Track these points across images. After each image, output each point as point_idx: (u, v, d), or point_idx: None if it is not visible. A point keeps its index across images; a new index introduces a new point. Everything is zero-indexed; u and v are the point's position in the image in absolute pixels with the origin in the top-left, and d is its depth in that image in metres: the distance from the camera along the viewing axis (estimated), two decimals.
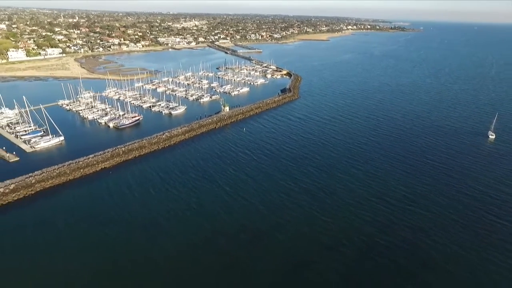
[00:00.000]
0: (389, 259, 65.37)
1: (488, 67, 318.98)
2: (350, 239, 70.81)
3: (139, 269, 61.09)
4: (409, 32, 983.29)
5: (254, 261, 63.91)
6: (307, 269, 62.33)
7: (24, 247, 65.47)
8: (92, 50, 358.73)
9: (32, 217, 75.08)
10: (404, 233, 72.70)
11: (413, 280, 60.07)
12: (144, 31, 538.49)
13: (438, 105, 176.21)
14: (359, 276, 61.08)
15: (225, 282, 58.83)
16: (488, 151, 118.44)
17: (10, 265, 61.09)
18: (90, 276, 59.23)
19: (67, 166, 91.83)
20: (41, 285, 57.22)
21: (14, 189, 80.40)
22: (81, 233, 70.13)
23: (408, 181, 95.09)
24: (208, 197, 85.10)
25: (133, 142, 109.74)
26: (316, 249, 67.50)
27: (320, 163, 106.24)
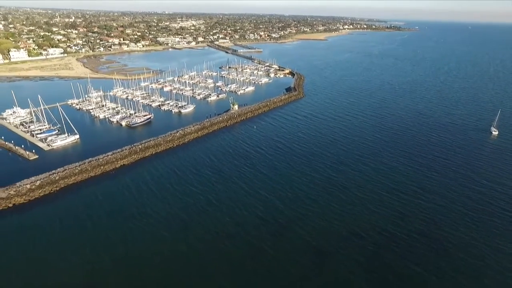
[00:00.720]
0: (405, 249, 68.78)
1: (485, 66, 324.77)
2: (367, 231, 74.06)
3: (166, 262, 63.67)
4: (405, 31, 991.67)
5: (278, 253, 66.79)
6: (329, 260, 65.47)
7: (53, 241, 67.87)
8: (93, 50, 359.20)
9: (58, 213, 77.41)
10: (417, 225, 76.18)
11: (429, 268, 63.41)
12: (142, 31, 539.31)
13: (440, 103, 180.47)
14: (379, 264, 64.35)
15: (251, 273, 61.70)
16: (492, 146, 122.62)
17: (40, 257, 63.41)
18: (118, 269, 61.82)
19: (88, 163, 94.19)
20: (70, 276, 59.47)
21: (40, 185, 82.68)
22: (106, 227, 72.63)
23: (416, 176, 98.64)
24: (226, 193, 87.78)
25: (148, 140, 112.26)
26: (335, 241, 70.62)
27: (330, 159, 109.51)
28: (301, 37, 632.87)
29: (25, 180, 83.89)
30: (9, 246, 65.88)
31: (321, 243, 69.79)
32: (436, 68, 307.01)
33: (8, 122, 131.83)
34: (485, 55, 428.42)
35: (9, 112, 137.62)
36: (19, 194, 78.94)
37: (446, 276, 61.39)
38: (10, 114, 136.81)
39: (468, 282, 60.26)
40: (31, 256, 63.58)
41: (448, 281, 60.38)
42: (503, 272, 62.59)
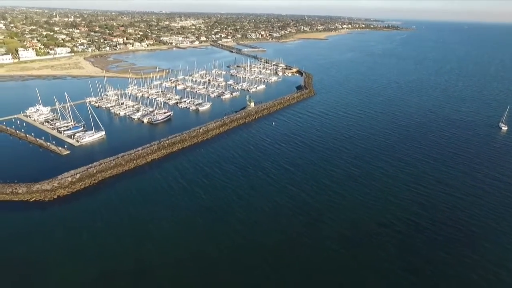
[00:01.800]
0: (431, 236, 73.18)
1: (486, 65, 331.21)
2: (393, 221, 78.33)
3: (206, 250, 67.65)
4: (403, 31, 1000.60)
5: (314, 242, 70.80)
6: (362, 248, 69.54)
7: (96, 232, 71.18)
8: (99, 50, 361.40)
9: (99, 204, 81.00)
10: (439, 214, 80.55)
11: (459, 251, 67.96)
12: (144, 30, 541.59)
13: (447, 101, 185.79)
14: (409, 251, 68.55)
15: (291, 261, 65.70)
16: (502, 141, 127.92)
17: (85, 247, 66.92)
18: (161, 259, 65.68)
19: (121, 157, 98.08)
20: (115, 264, 63.12)
21: (80, 178, 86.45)
22: (148, 217, 76.28)
23: (432, 170, 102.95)
24: (254, 187, 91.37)
25: (174, 135, 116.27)
26: (366, 230, 74.77)
27: (348, 154, 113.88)
28: (302, 37, 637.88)
29: (65, 173, 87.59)
30: (57, 236, 69.23)
31: (353, 232, 73.99)
32: (438, 67, 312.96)
33: (33, 119, 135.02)
34: (485, 54, 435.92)
35: (33, 110, 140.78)
36: (62, 186, 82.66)
37: (470, 262, 65.61)
38: (33, 111, 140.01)
39: (491, 266, 64.54)
40: (76, 245, 66.99)
41: (472, 266, 64.63)
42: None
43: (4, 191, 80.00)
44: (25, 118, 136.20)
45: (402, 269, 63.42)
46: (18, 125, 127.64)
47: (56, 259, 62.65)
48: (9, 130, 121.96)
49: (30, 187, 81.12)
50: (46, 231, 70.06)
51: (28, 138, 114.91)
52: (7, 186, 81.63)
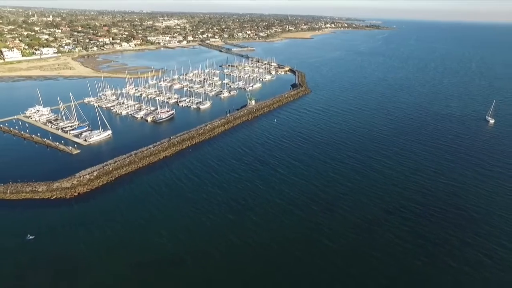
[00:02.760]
0: (441, 218, 78.92)
1: (467, 63, 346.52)
2: (403, 206, 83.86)
3: (238, 235, 71.06)
4: (384, 30, 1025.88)
5: (332, 226, 75.33)
6: (377, 231, 74.49)
7: (121, 225, 73.26)
8: (86, 50, 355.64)
9: (118, 201, 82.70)
10: (444, 199, 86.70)
11: (462, 233, 73.76)
12: (129, 30, 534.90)
13: (435, 97, 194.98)
14: (421, 232, 73.97)
15: (313, 240, 70.08)
16: (491, 133, 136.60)
17: (113, 241, 69.05)
18: (188, 248, 68.63)
19: (134, 155, 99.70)
20: (142, 256, 65.61)
21: (97, 175, 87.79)
22: (167, 212, 78.54)
23: (431, 160, 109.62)
24: (267, 179, 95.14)
25: (182, 133, 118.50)
26: (378, 215, 79.81)
27: (351, 148, 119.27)
28: (288, 36, 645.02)
29: (82, 171, 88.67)
30: (83, 231, 70.59)
31: (367, 217, 78.87)
32: (423, 65, 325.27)
33: (34, 120, 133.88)
34: (465, 52, 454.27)
35: (33, 111, 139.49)
36: (81, 184, 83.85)
37: (473, 242, 71.50)
38: (34, 112, 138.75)
39: (492, 245, 70.47)
40: (103, 240, 68.89)
41: (478, 246, 70.48)
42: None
43: (24, 189, 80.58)
44: (25, 119, 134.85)
45: (413, 251, 68.31)
46: (20, 126, 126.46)
47: (86, 254, 64.26)
48: (13, 131, 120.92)
49: (50, 185, 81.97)
50: (72, 227, 71.39)
51: (34, 138, 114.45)
52: (26, 185, 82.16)
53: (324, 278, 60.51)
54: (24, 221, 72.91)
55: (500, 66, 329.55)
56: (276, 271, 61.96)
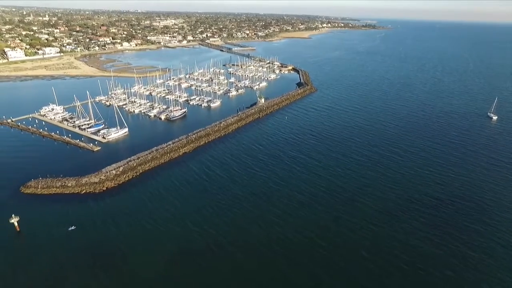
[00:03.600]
0: (454, 210, 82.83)
1: (465, 62, 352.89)
2: (417, 198, 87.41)
3: (262, 226, 74.37)
4: (380, 29, 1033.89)
5: (353, 218, 78.89)
6: (396, 221, 78.17)
7: (153, 217, 76.12)
8: (88, 49, 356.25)
9: (147, 194, 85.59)
10: (456, 193, 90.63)
11: (476, 223, 77.83)
12: (128, 30, 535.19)
13: (438, 94, 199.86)
14: (437, 221, 77.89)
15: (335, 232, 73.59)
16: (495, 129, 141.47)
17: (149, 232, 72.14)
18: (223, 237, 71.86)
19: (156, 151, 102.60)
20: (181, 245, 68.81)
21: (123, 171, 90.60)
22: (195, 204, 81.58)
23: (439, 156, 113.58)
24: (285, 174, 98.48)
25: (199, 130, 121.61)
26: (396, 207, 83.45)
27: (362, 143, 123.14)
28: (286, 36, 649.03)
29: (107, 167, 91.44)
30: (118, 223, 73.40)
31: (386, 208, 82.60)
32: (422, 64, 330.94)
33: (49, 118, 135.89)
34: (462, 52, 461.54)
35: (47, 109, 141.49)
36: (108, 179, 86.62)
37: (489, 228, 75.77)
38: (48, 111, 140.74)
39: (504, 234, 74.73)
40: (138, 232, 71.81)
41: (492, 232, 74.64)
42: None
43: (54, 184, 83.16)
44: (41, 117, 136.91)
45: (433, 236, 72.33)
46: (36, 124, 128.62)
47: (122, 244, 67.16)
48: (31, 129, 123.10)
49: (79, 180, 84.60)
50: (105, 220, 74.21)
51: (53, 136, 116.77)
52: (55, 180, 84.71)
53: (350, 267, 64.01)
54: (61, 213, 75.59)
55: (496, 65, 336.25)
56: (303, 261, 65.10)
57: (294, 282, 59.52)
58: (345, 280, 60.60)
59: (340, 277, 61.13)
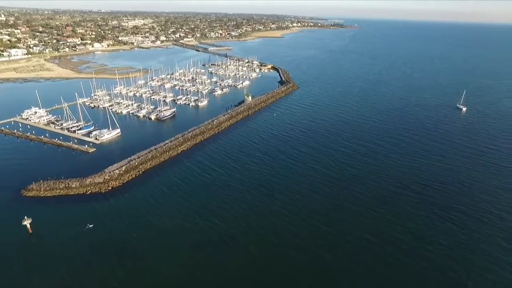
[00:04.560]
0: (439, 193, 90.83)
1: (431, 59, 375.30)
2: (406, 184, 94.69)
3: (270, 215, 78.22)
4: (348, 29, 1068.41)
5: (354, 201, 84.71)
6: (390, 204, 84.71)
7: (162, 213, 77.89)
8: (57, 51, 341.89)
9: (152, 191, 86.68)
10: (439, 176, 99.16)
11: (459, 200, 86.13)
12: (96, 30, 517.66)
13: (410, 89, 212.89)
14: (427, 203, 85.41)
15: (338, 218, 78.88)
16: (465, 119, 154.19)
17: (156, 227, 74.00)
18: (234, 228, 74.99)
19: (155, 150, 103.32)
20: (196, 236, 71.36)
21: (126, 170, 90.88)
22: (200, 198, 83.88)
23: (420, 145, 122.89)
24: (282, 168, 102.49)
25: (193, 128, 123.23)
26: (389, 192, 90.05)
27: (349, 136, 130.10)
28: (259, 35, 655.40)
29: (110, 167, 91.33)
30: (126, 221, 74.24)
31: (380, 195, 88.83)
32: (392, 61, 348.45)
33: (33, 122, 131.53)
34: (428, 50, 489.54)
35: (30, 113, 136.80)
36: (112, 178, 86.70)
37: (472, 207, 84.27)
38: (31, 114, 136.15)
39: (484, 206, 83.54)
40: (152, 227, 73.40)
41: (470, 209, 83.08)
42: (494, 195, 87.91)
43: (58, 186, 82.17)
44: (23, 121, 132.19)
45: (426, 218, 79.43)
46: (21, 128, 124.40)
47: (138, 239, 68.37)
48: (17, 133, 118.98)
49: (83, 181, 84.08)
50: (117, 217, 74.81)
51: (43, 139, 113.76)
52: (58, 182, 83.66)
53: (355, 249, 69.34)
54: (70, 214, 75.24)
55: (459, 62, 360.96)
56: (310, 247, 69.32)
57: (304, 268, 63.20)
58: (351, 262, 65.36)
59: (347, 260, 65.70)
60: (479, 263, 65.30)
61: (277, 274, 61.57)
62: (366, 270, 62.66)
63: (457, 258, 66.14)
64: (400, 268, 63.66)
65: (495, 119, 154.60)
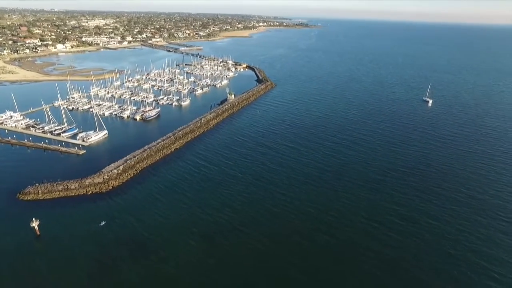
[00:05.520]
0: (419, 177, 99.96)
1: (394, 57, 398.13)
2: (390, 169, 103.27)
3: (272, 204, 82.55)
4: (313, 28, 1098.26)
5: (345, 188, 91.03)
6: (381, 186, 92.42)
7: (168, 208, 79.70)
8: (17, 52, 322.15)
9: (152, 188, 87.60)
10: (417, 162, 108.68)
11: (438, 184, 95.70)
12: (55, 31, 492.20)
13: (380, 85, 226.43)
14: (410, 186, 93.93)
15: (335, 200, 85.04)
16: (431, 110, 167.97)
17: (166, 222, 75.92)
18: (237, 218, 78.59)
19: (149, 149, 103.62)
20: (203, 227, 74.24)
21: (124, 169, 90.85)
22: (203, 193, 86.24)
23: (396, 135, 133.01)
24: (275, 161, 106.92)
25: (183, 127, 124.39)
26: (375, 177, 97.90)
27: (331, 129, 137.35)
28: (227, 35, 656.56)
29: (107, 167, 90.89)
30: (133, 219, 74.90)
31: (369, 180, 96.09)
32: (359, 59, 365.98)
33: (10, 126, 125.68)
34: (390, 48, 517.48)
35: (4, 117, 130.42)
36: (111, 178, 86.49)
37: (448, 188, 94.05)
38: (6, 118, 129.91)
39: (460, 187, 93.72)
40: (163, 220, 75.02)
41: (451, 190, 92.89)
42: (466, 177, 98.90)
43: (56, 188, 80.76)
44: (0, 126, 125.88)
45: (413, 197, 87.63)
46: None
47: (150, 234, 69.73)
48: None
49: (82, 182, 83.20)
50: (124, 216, 75.29)
51: (26, 143, 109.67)
52: (56, 184, 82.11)
53: (355, 228, 75.59)
54: (74, 215, 74.58)
55: (420, 59, 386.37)
56: (316, 227, 74.96)
57: (312, 251, 68.44)
58: (353, 243, 71.46)
59: (349, 242, 71.46)
60: (460, 235, 73.88)
61: (286, 257, 65.83)
62: (367, 250, 68.73)
63: (442, 233, 74.32)
64: (395, 244, 70.53)
65: (458, 110, 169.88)
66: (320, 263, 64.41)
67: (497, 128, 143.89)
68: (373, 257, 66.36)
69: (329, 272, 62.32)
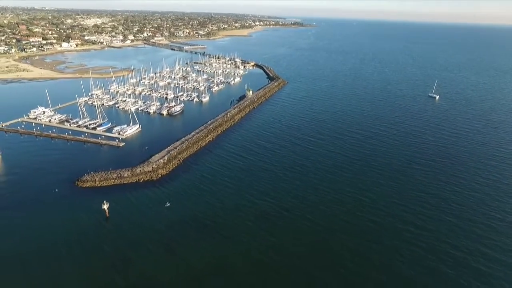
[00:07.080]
0: (422, 166, 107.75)
1: (395, 55, 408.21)
2: (397, 162, 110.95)
3: (311, 192, 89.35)
4: (308, 27, 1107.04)
5: (357, 174, 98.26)
6: (386, 176, 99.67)
7: (214, 194, 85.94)
8: (24, 51, 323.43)
9: (197, 176, 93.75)
10: (431, 156, 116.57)
11: (441, 175, 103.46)
12: (54, 29, 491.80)
13: (387, 82, 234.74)
14: (416, 176, 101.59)
15: (364, 185, 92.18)
16: (439, 106, 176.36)
17: (220, 204, 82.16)
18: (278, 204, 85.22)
19: (187, 141, 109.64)
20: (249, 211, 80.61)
21: (168, 160, 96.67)
22: (242, 180, 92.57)
23: (410, 129, 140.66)
24: (301, 153, 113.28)
25: (212, 121, 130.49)
26: (399, 165, 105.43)
27: (349, 124, 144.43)
28: (226, 34, 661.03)
29: (152, 157, 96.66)
30: (189, 202, 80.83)
31: (395, 169, 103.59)
32: (361, 57, 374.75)
33: (44, 121, 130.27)
34: (389, 47, 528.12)
35: (37, 112, 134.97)
36: (159, 167, 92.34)
37: (461, 180, 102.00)
38: (39, 113, 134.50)
39: (471, 178, 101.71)
40: (213, 205, 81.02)
41: (453, 184, 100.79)
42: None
43: (111, 176, 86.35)
44: (33, 121, 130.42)
45: (412, 189, 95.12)
46: (32, 127, 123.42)
47: (211, 214, 75.90)
48: (35, 132, 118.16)
49: (133, 170, 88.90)
50: (179, 199, 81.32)
51: (66, 137, 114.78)
52: (109, 172, 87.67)
53: (376, 210, 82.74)
54: (133, 199, 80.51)
55: (420, 57, 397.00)
56: (357, 212, 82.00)
57: (355, 231, 75.55)
58: (392, 222, 78.74)
59: (386, 223, 78.96)
60: (482, 217, 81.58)
61: (335, 237, 72.65)
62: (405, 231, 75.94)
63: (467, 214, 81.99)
64: (431, 224, 77.84)
65: (465, 106, 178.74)
66: (362, 243, 71.35)
67: (504, 122, 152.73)
68: (410, 237, 73.47)
69: (379, 251, 69.29)
